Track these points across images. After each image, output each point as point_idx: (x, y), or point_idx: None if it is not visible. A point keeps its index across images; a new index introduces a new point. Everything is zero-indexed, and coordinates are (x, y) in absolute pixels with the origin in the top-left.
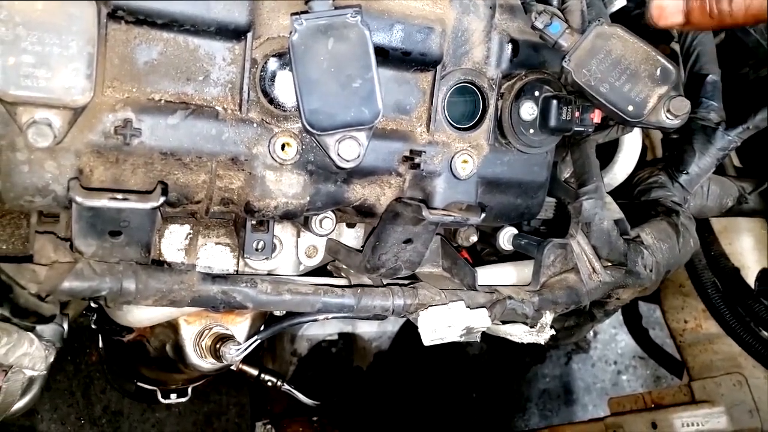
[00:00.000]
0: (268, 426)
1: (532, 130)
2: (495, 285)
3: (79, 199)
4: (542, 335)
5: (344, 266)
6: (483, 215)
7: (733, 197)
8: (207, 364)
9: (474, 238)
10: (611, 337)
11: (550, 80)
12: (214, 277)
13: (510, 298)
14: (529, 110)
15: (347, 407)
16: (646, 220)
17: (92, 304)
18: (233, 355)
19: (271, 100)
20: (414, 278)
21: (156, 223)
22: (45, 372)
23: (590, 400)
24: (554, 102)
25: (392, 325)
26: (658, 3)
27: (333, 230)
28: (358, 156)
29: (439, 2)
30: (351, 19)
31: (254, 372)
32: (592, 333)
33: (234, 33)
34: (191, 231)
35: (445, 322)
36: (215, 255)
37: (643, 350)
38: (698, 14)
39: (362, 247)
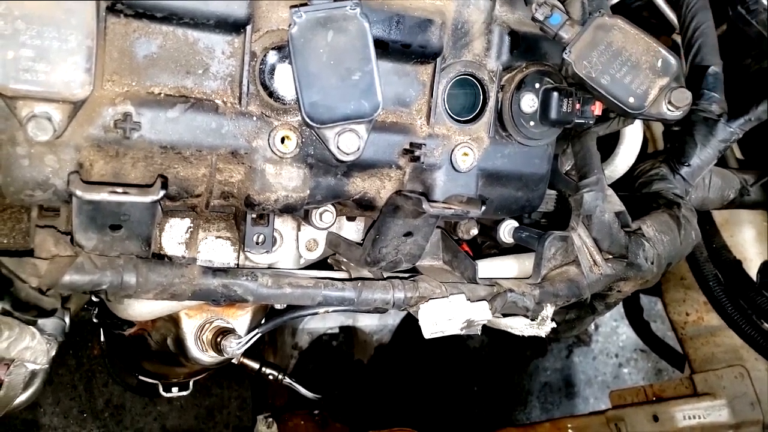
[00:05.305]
0: (270, 419)
1: (532, 123)
2: (496, 278)
3: (79, 192)
4: (543, 328)
5: (345, 259)
6: (483, 208)
7: (734, 189)
8: (208, 357)
9: (474, 231)
10: (612, 329)
11: (550, 72)
12: (215, 271)
13: (511, 291)
14: (529, 102)
15: (348, 400)
16: (648, 213)
17: (93, 298)
18: (234, 348)
19: (271, 93)
20: (414, 271)
21: (156, 217)
22: (47, 365)
23: (591, 393)
24: (555, 94)
25: (393, 319)
26: None
27: (333, 223)
28: (358, 149)
29: None
30: (350, 11)
31: (255, 365)
32: (593, 326)
33: (233, 26)
34: (192, 224)
35: (446, 315)
36: (216, 248)
37: (645, 343)
38: None
39: (362, 240)
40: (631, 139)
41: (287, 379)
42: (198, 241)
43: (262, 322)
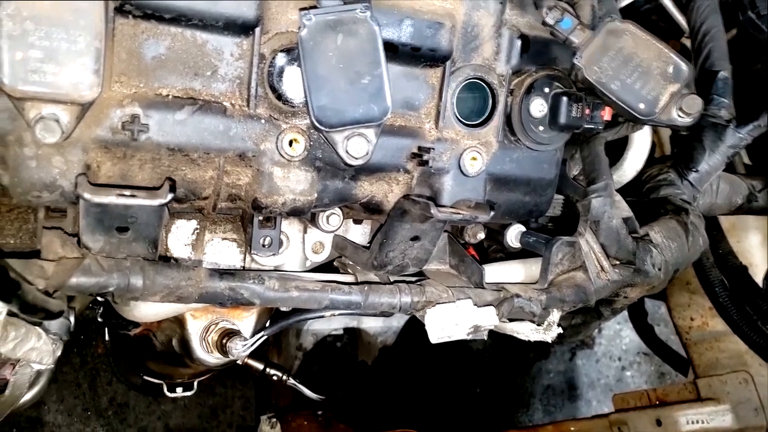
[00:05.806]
0: (273, 419)
1: (541, 127)
2: (502, 283)
3: (86, 195)
4: (549, 333)
5: (351, 263)
6: (492, 213)
7: (742, 195)
8: (213, 359)
9: (481, 236)
10: (616, 333)
11: (560, 77)
12: (222, 274)
13: (517, 296)
14: (538, 107)
15: (352, 402)
16: (655, 219)
17: (99, 298)
18: (240, 350)
19: (279, 96)
20: (421, 275)
21: (163, 219)
22: (52, 365)
23: (594, 396)
24: (564, 99)
25: (397, 321)
26: None
27: (340, 227)
28: (367, 153)
29: None
30: (360, 14)
31: (260, 366)
32: None
33: (242, 28)
34: (198, 226)
35: (453, 320)
36: (222, 250)
37: (648, 347)
38: None
39: (369, 243)
40: (640, 144)
41: (291, 380)
42: (204, 243)
43: (268, 323)
